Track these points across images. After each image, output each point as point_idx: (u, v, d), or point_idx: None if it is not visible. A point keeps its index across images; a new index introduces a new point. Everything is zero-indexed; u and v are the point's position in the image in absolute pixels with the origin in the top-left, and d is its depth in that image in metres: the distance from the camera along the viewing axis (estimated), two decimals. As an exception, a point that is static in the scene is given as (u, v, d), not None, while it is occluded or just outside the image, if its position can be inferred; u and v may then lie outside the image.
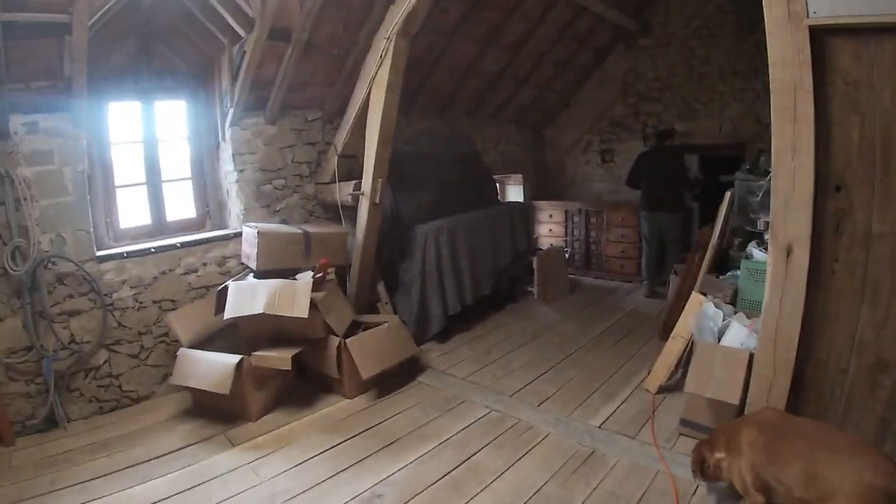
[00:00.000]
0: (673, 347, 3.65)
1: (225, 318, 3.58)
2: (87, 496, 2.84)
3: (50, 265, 3.52)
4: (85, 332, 3.67)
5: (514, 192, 7.49)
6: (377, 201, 4.20)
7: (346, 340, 3.72)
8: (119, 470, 3.07)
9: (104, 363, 3.75)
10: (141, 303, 3.89)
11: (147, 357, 3.93)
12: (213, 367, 3.47)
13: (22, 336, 3.44)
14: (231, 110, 4.19)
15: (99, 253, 3.75)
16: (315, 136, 4.74)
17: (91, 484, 2.94)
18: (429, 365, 4.34)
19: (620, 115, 7.11)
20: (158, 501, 2.78)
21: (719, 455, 2.42)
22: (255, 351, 3.56)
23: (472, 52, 5.49)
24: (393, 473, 2.95)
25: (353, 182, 4.30)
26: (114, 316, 3.78)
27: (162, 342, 3.99)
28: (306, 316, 3.43)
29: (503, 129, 7.19)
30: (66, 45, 3.21)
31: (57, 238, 3.56)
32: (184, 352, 3.65)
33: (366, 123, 4.21)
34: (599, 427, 3.33)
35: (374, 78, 4.08)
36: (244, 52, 3.85)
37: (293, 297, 3.50)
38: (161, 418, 3.67)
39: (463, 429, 3.38)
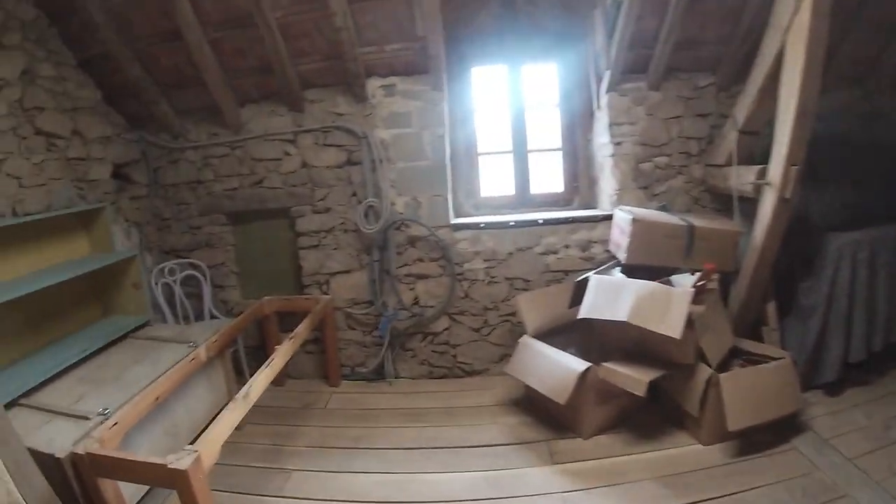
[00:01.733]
0: None
1: (579, 316, 3.08)
2: (383, 466, 2.78)
3: (403, 227, 3.58)
4: (430, 297, 3.67)
5: (958, 204, 5.25)
6: (788, 196, 3.11)
7: (721, 375, 2.86)
8: (425, 448, 2.96)
9: (444, 331, 3.73)
10: (493, 277, 3.70)
11: (489, 333, 3.77)
12: (553, 369, 3.03)
13: (366, 290, 3.62)
14: (607, 73, 3.61)
15: (454, 220, 3.66)
16: (707, 105, 3.81)
17: (391, 454, 2.89)
18: (809, 425, 3.14)
19: None
20: (448, 502, 2.56)
21: None
22: (606, 360, 2.97)
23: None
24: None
25: (757, 168, 3.29)
26: (462, 286, 3.67)
27: (507, 321, 3.76)
28: (678, 336, 2.68)
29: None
30: (416, 2, 3.05)
31: (412, 201, 3.60)
32: (526, 341, 3.30)
33: (777, 90, 3.11)
34: None
35: (788, 28, 2.95)
36: (619, 2, 3.26)
37: (666, 307, 2.77)
38: (487, 401, 3.46)
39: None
